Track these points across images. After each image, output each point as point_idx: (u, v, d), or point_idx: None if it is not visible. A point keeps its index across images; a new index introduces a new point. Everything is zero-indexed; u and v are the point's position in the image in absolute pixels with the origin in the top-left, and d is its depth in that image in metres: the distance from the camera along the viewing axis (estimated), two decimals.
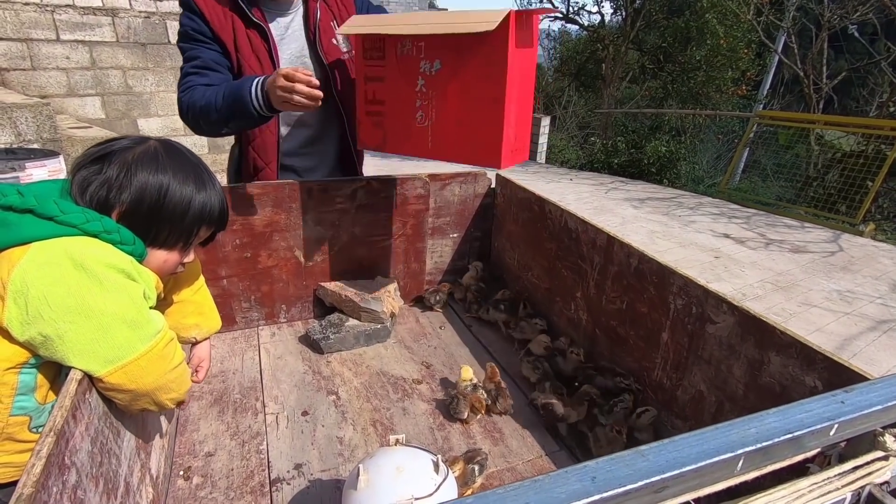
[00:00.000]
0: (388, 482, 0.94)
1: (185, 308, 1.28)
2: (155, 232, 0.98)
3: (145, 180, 0.93)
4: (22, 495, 0.57)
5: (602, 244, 1.53)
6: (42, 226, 0.82)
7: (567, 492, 0.46)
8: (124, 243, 0.89)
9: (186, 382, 1.01)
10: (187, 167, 1.00)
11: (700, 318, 1.22)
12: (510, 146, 1.36)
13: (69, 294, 0.79)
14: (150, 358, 0.87)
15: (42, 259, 0.79)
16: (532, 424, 1.53)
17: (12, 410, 0.85)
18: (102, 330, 0.81)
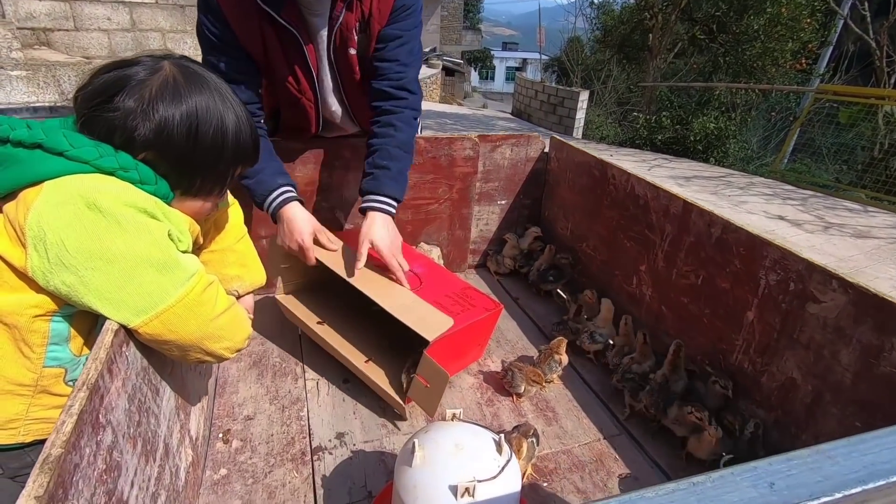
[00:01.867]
0: (447, 460, 0.84)
1: (225, 258, 1.17)
2: (188, 179, 0.87)
3: (169, 116, 0.80)
4: (50, 456, 0.50)
5: (676, 212, 1.37)
6: (52, 162, 0.73)
7: (740, 500, 0.34)
8: (144, 182, 0.78)
9: (241, 329, 0.91)
10: (212, 93, 0.86)
11: (799, 296, 1.06)
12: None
13: (87, 237, 0.70)
14: (188, 304, 0.78)
15: (55, 199, 0.70)
16: (588, 405, 1.42)
17: (46, 361, 0.78)
18: (128, 275, 0.72)
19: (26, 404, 0.79)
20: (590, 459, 1.25)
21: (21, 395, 0.78)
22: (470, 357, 1.52)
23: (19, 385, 0.77)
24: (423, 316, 1.28)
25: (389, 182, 1.40)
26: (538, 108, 11.31)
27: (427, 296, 1.37)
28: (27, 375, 0.77)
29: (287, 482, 1.14)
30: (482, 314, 1.38)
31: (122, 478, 0.67)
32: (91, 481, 0.57)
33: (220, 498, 1.10)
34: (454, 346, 1.35)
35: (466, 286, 1.49)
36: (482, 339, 1.51)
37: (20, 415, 0.79)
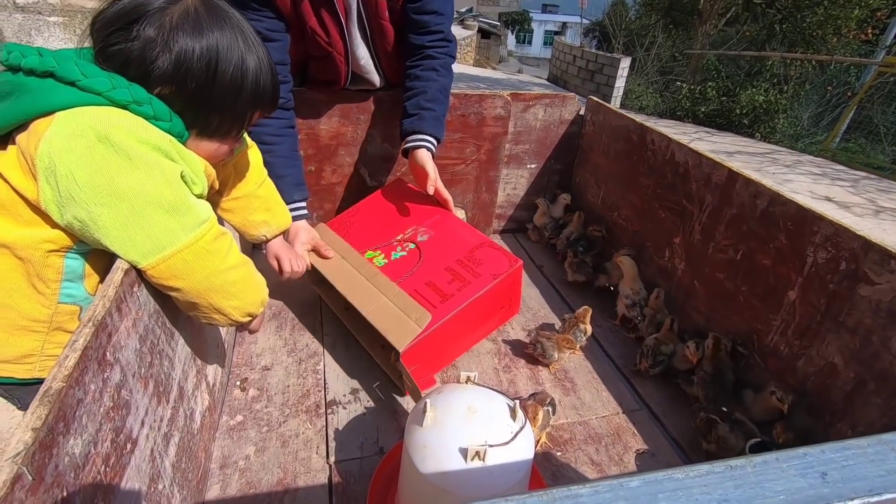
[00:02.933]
0: (459, 423, 0.82)
1: (250, 204, 1.17)
2: (204, 119, 0.83)
3: (189, 49, 0.76)
4: (50, 389, 0.48)
5: (720, 181, 1.28)
6: (64, 92, 0.70)
7: (786, 490, 0.30)
8: (158, 118, 0.75)
9: (254, 290, 0.89)
10: (235, 32, 0.81)
11: (850, 277, 0.98)
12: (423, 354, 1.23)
13: (97, 172, 0.67)
14: (196, 251, 0.75)
15: (66, 131, 0.68)
16: (608, 378, 1.38)
17: (60, 297, 0.78)
18: (136, 215, 0.70)
19: (41, 341, 0.80)
20: (607, 432, 1.21)
21: (36, 331, 0.79)
22: (492, 322, 1.44)
23: (34, 321, 0.78)
24: (399, 317, 1.21)
25: (434, 122, 1.42)
26: (575, 75, 10.87)
27: (422, 274, 1.30)
28: (42, 311, 0.78)
29: (300, 432, 1.15)
30: (489, 283, 1.27)
31: (132, 416, 0.67)
32: (96, 417, 0.56)
33: (234, 443, 1.12)
34: (450, 333, 1.26)
35: (479, 244, 1.37)
36: (503, 301, 1.40)
37: (35, 350, 0.80)
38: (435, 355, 1.28)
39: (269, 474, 1.06)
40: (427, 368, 1.28)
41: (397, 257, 1.38)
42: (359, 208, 1.57)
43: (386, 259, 1.38)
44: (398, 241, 1.42)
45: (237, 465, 1.07)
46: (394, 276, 1.31)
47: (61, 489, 0.48)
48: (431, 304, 1.22)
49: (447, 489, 0.78)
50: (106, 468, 0.58)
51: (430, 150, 1.41)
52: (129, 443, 0.65)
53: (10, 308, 0.76)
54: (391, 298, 1.26)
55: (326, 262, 1.41)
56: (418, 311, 1.20)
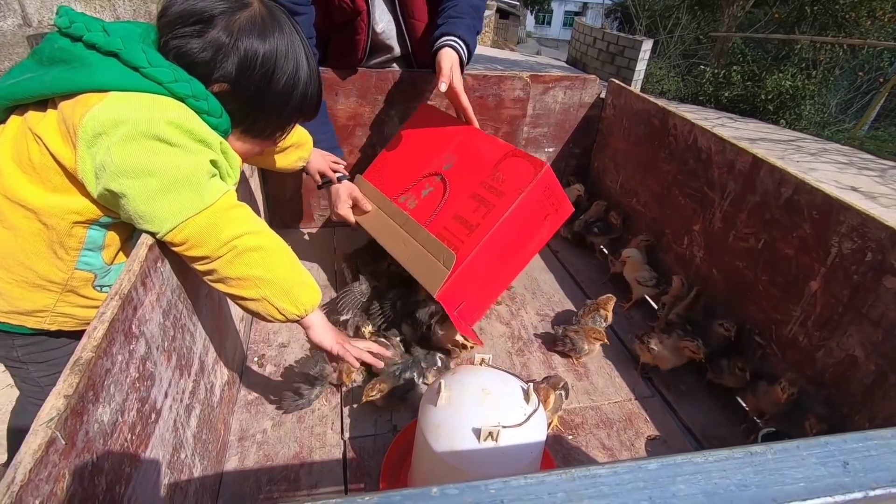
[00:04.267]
0: (473, 404, 0.83)
1: (289, 151, 1.26)
2: (252, 119, 0.87)
3: (253, 54, 0.80)
4: (80, 359, 0.50)
5: (743, 168, 1.25)
6: (125, 74, 0.72)
7: (806, 477, 0.30)
8: (211, 114, 0.78)
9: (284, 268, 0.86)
10: (293, 40, 0.85)
11: (876, 268, 0.96)
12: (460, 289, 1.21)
13: (137, 152, 0.70)
14: (209, 216, 0.75)
15: (116, 111, 0.69)
16: (621, 364, 1.38)
17: (77, 264, 0.81)
18: (164, 190, 0.72)
19: (55, 299, 0.83)
20: (619, 418, 1.22)
21: (51, 290, 0.82)
22: (541, 234, 1.30)
23: (50, 281, 0.81)
24: (430, 261, 1.19)
25: (464, 27, 1.39)
26: (595, 58, 10.64)
27: (449, 208, 1.25)
28: (58, 274, 0.81)
29: (316, 409, 1.18)
30: (514, 200, 1.16)
31: (156, 388, 0.69)
32: (123, 387, 0.58)
33: (252, 417, 1.14)
34: (485, 264, 1.20)
35: (502, 157, 1.27)
36: (543, 210, 1.26)
37: (48, 307, 0.84)
38: (478, 288, 1.24)
39: (285, 448, 1.08)
40: (476, 303, 1.28)
41: (427, 194, 1.33)
42: (387, 150, 1.52)
43: (416, 200, 1.34)
44: (426, 178, 1.37)
45: (255, 438, 1.10)
46: (424, 216, 1.28)
47: (91, 454, 0.50)
48: (459, 240, 1.18)
49: (460, 468, 0.80)
50: (132, 436, 0.60)
51: (454, 50, 1.35)
52: (153, 413, 0.67)
53: (29, 268, 0.79)
54: (421, 243, 1.23)
55: (367, 217, 1.41)
56: (445, 251, 1.17)
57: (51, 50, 0.74)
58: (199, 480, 0.87)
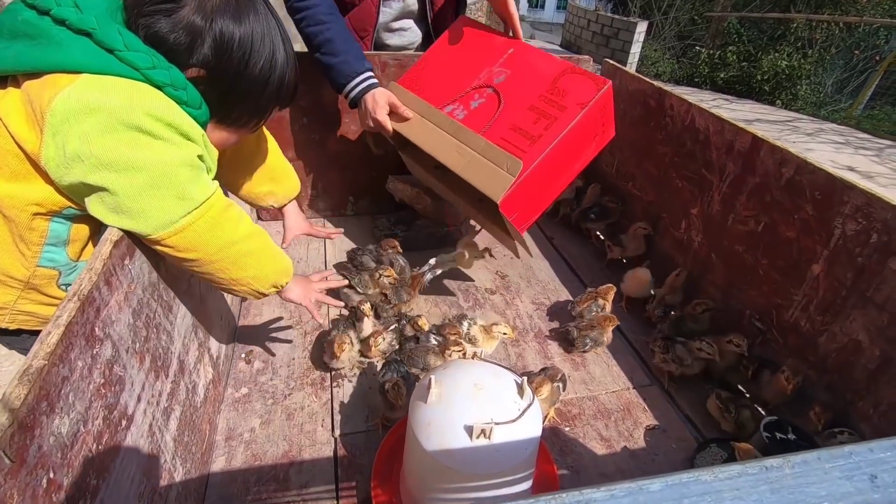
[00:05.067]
0: (464, 400, 0.80)
1: (253, 177, 1.16)
2: (228, 108, 0.83)
3: (229, 36, 0.75)
4: (30, 368, 0.46)
5: (742, 149, 1.21)
6: (99, 56, 0.67)
7: (830, 495, 0.26)
8: (190, 105, 0.74)
9: (272, 260, 0.90)
10: (269, 23, 0.81)
11: (881, 250, 0.92)
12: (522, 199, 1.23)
13: (118, 143, 0.65)
14: (209, 221, 0.75)
15: (91, 97, 0.64)
16: (618, 352, 1.35)
17: (40, 260, 0.77)
18: (153, 185, 0.68)
19: (15, 296, 0.79)
20: (617, 407, 1.19)
21: (11, 286, 0.78)
22: (587, 153, 1.33)
23: (10, 277, 0.77)
24: (491, 169, 1.18)
25: None
26: (589, 40, 10.48)
27: (505, 119, 1.24)
28: (20, 270, 0.76)
29: (306, 405, 1.14)
30: (577, 114, 1.18)
31: (126, 392, 0.65)
32: (85, 395, 0.54)
33: (240, 415, 1.11)
34: (544, 175, 1.23)
35: (560, 73, 1.26)
36: (595, 129, 1.29)
37: (8, 304, 0.79)
38: (532, 199, 1.26)
39: (274, 446, 1.05)
40: (526, 213, 1.28)
41: (476, 106, 1.31)
42: (426, 59, 1.47)
43: (465, 110, 1.31)
44: (474, 89, 1.34)
45: (242, 437, 1.07)
46: (476, 126, 1.25)
47: (46, 470, 0.46)
48: (521, 150, 1.17)
49: (452, 467, 0.76)
50: (98, 446, 0.56)
51: None
52: (123, 419, 0.63)
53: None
54: (479, 151, 1.21)
55: (408, 124, 1.36)
56: (509, 159, 1.16)
57: (12, 22, 0.67)
58: (181, 485, 0.84)
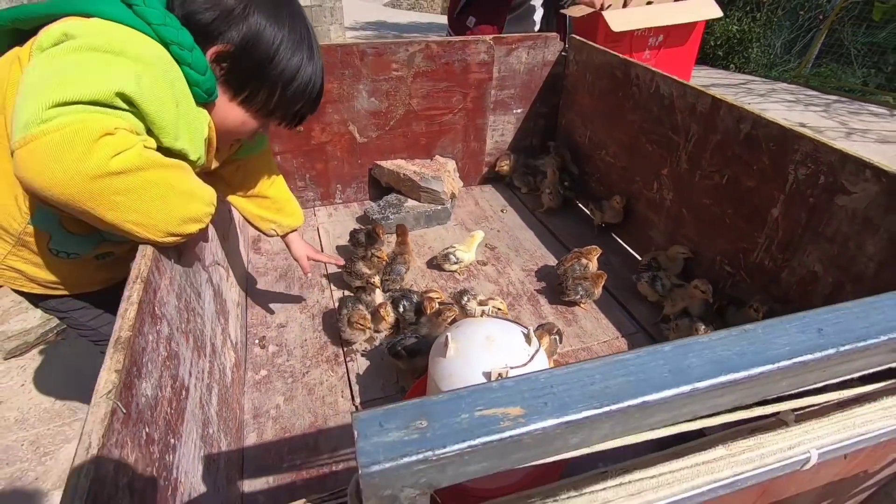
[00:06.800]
0: (479, 351, 0.89)
1: (262, 203, 1.20)
2: (251, 90, 0.82)
3: (261, 27, 0.77)
4: (120, 338, 0.53)
5: (704, 110, 1.32)
6: (115, 5, 0.69)
7: (790, 343, 0.36)
8: (194, 68, 0.74)
9: (172, 205, 0.68)
10: (302, 27, 0.84)
11: (828, 189, 1.05)
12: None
13: (75, 52, 0.62)
14: (62, 139, 0.56)
15: (97, 32, 0.65)
16: (605, 306, 1.47)
17: (33, 218, 0.79)
18: (60, 81, 0.59)
19: (6, 251, 0.82)
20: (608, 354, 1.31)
21: (3, 240, 0.81)
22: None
23: (3, 230, 0.80)
24: None
25: None
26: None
27: None
28: (12, 224, 0.79)
29: (324, 380, 1.22)
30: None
31: (182, 366, 0.72)
32: (157, 365, 0.61)
33: (263, 395, 1.18)
34: None
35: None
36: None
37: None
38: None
39: (300, 419, 1.13)
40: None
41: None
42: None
43: None
44: None
45: (269, 413, 1.14)
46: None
47: (143, 424, 0.53)
48: None
49: None
50: (171, 410, 0.63)
51: None
52: (183, 390, 0.70)
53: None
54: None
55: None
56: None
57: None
58: (225, 455, 0.91)
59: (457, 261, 1.54)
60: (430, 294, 1.33)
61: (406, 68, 1.68)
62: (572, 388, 0.32)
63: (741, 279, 1.31)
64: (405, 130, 1.82)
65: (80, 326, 1.06)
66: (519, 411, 0.30)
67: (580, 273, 1.44)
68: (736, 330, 0.37)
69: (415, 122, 1.82)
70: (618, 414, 0.31)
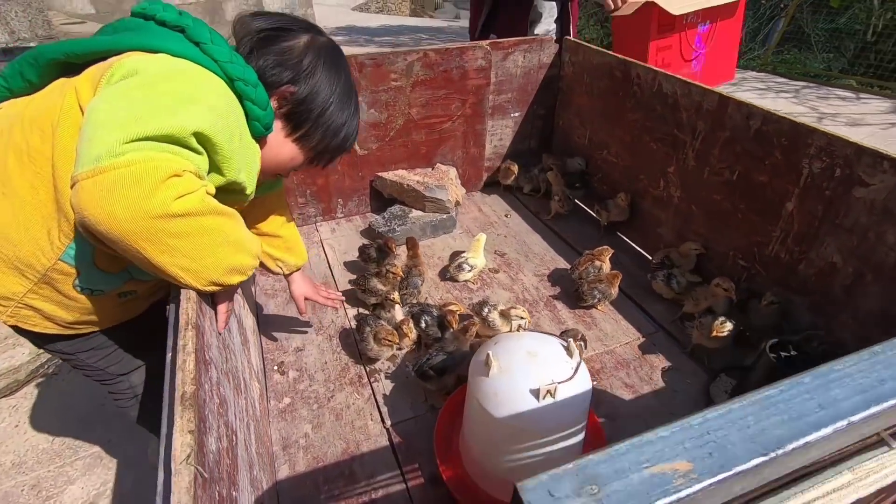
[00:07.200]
0: (522, 367, 0.87)
1: (272, 241, 1.20)
2: (307, 130, 0.88)
3: (323, 81, 0.85)
4: (185, 394, 0.49)
5: (710, 107, 1.33)
6: (184, 44, 0.73)
7: None
8: (256, 103, 0.76)
9: (220, 252, 0.66)
10: (350, 81, 0.91)
11: (845, 182, 1.07)
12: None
13: (146, 86, 0.65)
14: (132, 175, 0.56)
15: (165, 65, 0.68)
16: (622, 307, 1.47)
17: (63, 255, 0.75)
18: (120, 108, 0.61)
19: (26, 288, 0.77)
20: (633, 357, 1.31)
21: (26, 276, 0.76)
22: None
23: (28, 266, 0.75)
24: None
25: None
26: None
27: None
28: (40, 260, 0.75)
29: (351, 404, 1.19)
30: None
31: (230, 411, 0.68)
32: (214, 414, 0.58)
33: (290, 424, 1.14)
34: None
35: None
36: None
37: (16, 295, 0.77)
38: None
39: (332, 447, 1.09)
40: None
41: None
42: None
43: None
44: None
45: (298, 443, 1.10)
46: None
47: (215, 483, 0.50)
48: None
49: (524, 427, 0.84)
50: (228, 460, 0.60)
51: None
52: (233, 435, 0.67)
53: (13, 245, 0.73)
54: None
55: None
56: None
57: (121, 23, 0.76)
58: (266, 494, 0.88)
59: (470, 268, 1.52)
60: (451, 307, 1.31)
61: (405, 78, 1.65)
62: (730, 432, 0.31)
63: (757, 272, 1.32)
64: (405, 140, 1.79)
65: (86, 367, 1.01)
66: (688, 466, 0.29)
67: (595, 276, 1.44)
68: (866, 353, 0.36)
69: (415, 132, 1.79)
70: (783, 458, 0.30)
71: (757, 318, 1.27)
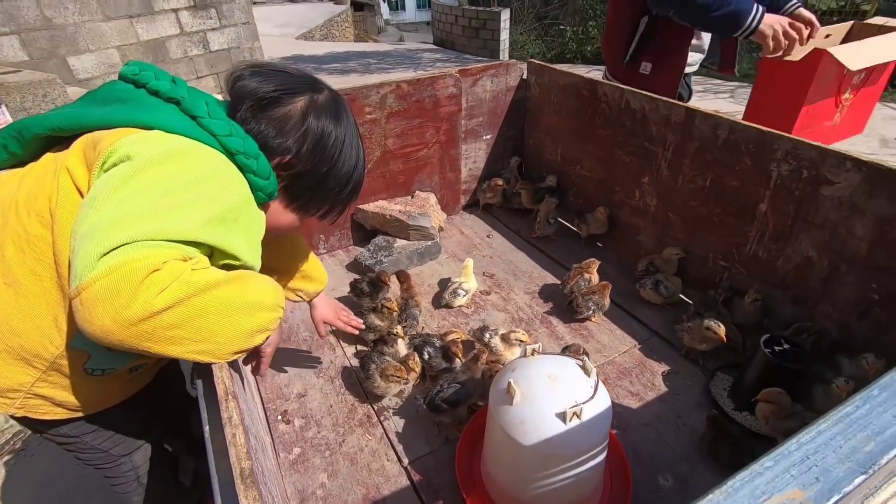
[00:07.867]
0: (545, 393, 0.88)
1: (290, 275, 1.19)
2: (310, 198, 0.87)
3: (328, 133, 0.82)
4: (244, 470, 0.48)
5: (679, 120, 1.41)
6: (180, 119, 0.69)
7: None
8: (259, 175, 0.74)
9: (233, 323, 0.61)
10: (353, 133, 0.88)
11: (812, 182, 1.15)
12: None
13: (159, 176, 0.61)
14: (108, 284, 0.52)
15: (157, 146, 0.64)
16: (615, 316, 1.51)
17: (75, 340, 0.71)
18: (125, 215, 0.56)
19: (34, 377, 0.74)
20: (633, 365, 1.34)
21: (33, 366, 0.73)
22: None
23: (35, 356, 0.72)
24: None
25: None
26: (461, 35, 10.90)
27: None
28: (48, 349, 0.71)
29: (364, 446, 1.16)
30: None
31: (266, 475, 0.66)
32: (265, 485, 0.55)
33: (304, 475, 1.10)
34: None
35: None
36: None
37: (24, 386, 0.74)
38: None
39: (351, 494, 1.06)
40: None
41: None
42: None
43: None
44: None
45: (315, 495, 1.07)
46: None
47: None
48: None
49: (553, 452, 0.85)
50: None
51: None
52: (271, 501, 0.64)
53: (18, 336, 0.70)
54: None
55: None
56: None
57: (109, 91, 0.71)
58: None
59: (465, 293, 1.53)
60: (452, 336, 1.31)
61: (379, 110, 1.66)
62: (826, 454, 0.32)
63: (738, 272, 1.39)
64: (383, 171, 1.80)
65: (87, 450, 0.94)
66: (801, 494, 0.30)
67: (586, 288, 1.48)
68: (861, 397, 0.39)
69: (392, 162, 1.80)
70: (879, 472, 0.32)
71: (740, 315, 1.33)
